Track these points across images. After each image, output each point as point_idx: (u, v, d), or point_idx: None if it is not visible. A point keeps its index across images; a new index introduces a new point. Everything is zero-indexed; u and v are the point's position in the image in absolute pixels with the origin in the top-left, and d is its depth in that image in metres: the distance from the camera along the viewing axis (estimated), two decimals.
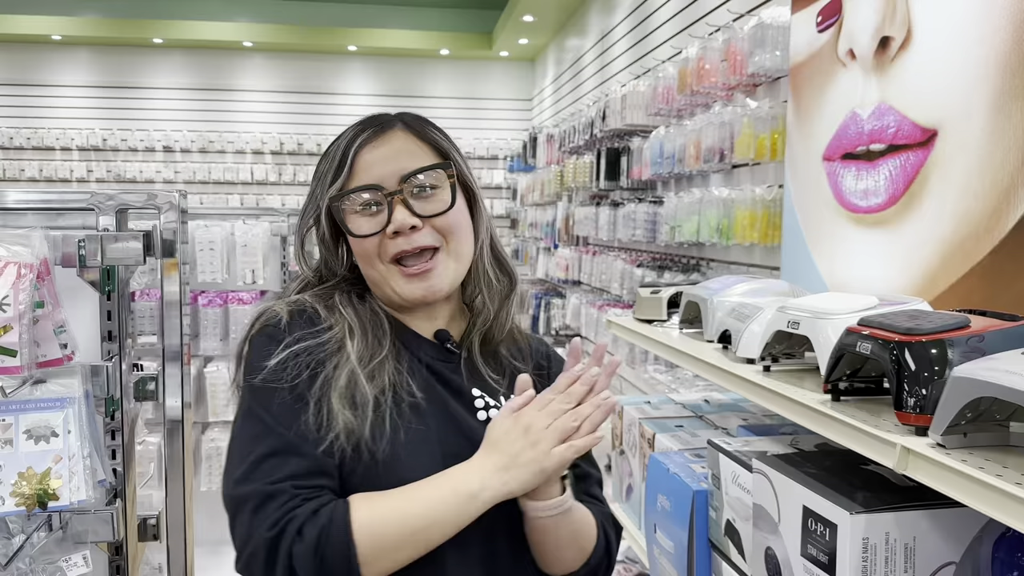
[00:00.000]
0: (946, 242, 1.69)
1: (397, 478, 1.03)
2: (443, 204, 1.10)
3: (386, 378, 1.06)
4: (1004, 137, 1.55)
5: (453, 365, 1.16)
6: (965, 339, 1.08)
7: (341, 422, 1.01)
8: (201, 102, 8.21)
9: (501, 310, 1.18)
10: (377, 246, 1.09)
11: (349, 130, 1.15)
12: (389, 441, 1.03)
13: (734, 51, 2.86)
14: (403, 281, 1.10)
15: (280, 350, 1.04)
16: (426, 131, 1.15)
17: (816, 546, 1.16)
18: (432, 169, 1.11)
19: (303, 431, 1.02)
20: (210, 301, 2.71)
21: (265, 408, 1.03)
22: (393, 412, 1.05)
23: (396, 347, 1.11)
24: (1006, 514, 0.85)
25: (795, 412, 1.29)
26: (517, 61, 8.62)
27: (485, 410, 1.13)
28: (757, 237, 2.69)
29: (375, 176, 1.09)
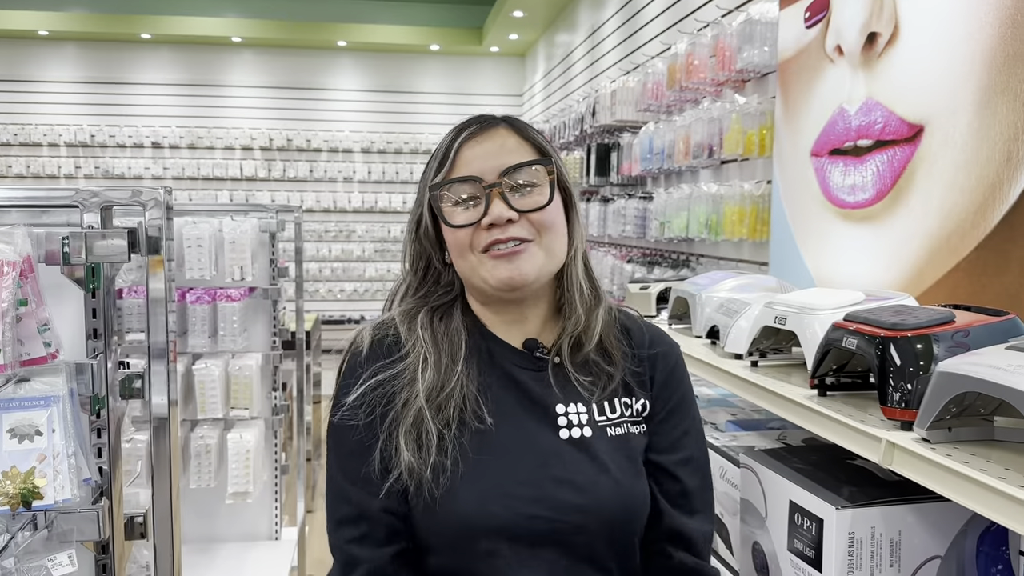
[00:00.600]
0: (932, 237, 1.70)
1: (452, 515, 1.04)
2: (541, 200, 1.10)
3: (452, 410, 1.07)
4: (990, 133, 1.56)
5: (541, 375, 1.13)
6: (950, 334, 1.08)
7: (404, 461, 1.04)
8: (190, 98, 8.17)
9: (591, 318, 1.16)
10: (471, 236, 1.09)
11: (457, 127, 1.15)
12: (448, 478, 1.04)
13: (723, 47, 2.86)
14: (491, 264, 1.09)
15: (359, 384, 1.09)
16: (528, 131, 1.15)
17: (802, 540, 1.16)
18: (532, 164, 1.10)
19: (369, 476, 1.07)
20: (198, 298, 2.70)
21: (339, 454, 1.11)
22: (456, 447, 1.06)
23: (471, 368, 1.11)
24: (989, 508, 0.86)
25: (782, 407, 1.29)
26: (507, 57, 8.61)
27: (568, 428, 1.10)
28: (746, 233, 2.70)
29: (475, 169, 1.09)
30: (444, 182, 1.10)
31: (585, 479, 1.07)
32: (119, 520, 1.29)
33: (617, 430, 1.12)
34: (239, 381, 2.76)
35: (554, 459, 1.07)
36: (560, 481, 1.06)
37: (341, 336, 7.98)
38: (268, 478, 3.05)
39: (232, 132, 8.14)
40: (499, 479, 1.05)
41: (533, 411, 1.10)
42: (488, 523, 1.03)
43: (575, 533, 1.05)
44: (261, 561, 2.97)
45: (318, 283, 8.28)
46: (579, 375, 1.13)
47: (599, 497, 1.06)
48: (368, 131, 8.36)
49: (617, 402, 1.14)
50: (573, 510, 1.05)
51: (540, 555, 1.05)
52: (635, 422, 1.14)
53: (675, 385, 1.19)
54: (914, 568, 1.11)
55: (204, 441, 2.78)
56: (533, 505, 1.04)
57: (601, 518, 1.06)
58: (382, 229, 8.36)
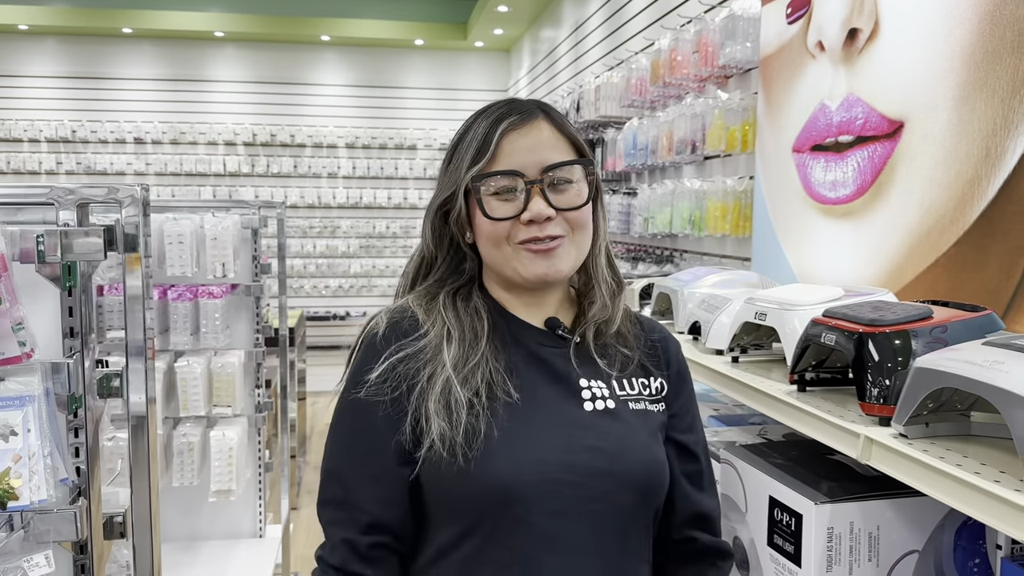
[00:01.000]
0: (912, 232, 1.71)
1: (489, 477, 1.05)
2: (578, 199, 1.13)
3: (479, 380, 1.09)
4: (968, 129, 1.57)
5: (563, 351, 1.17)
6: (928, 330, 1.09)
7: (435, 429, 1.06)
8: (172, 92, 8.09)
9: (614, 306, 1.21)
10: (508, 229, 1.12)
11: (490, 112, 1.16)
12: (483, 441, 1.06)
13: (705, 43, 2.86)
14: (527, 258, 1.12)
15: (381, 362, 1.11)
16: (564, 124, 1.17)
17: (782, 535, 1.17)
18: (574, 164, 1.14)
19: (382, 456, 1.09)
20: (180, 295, 2.68)
21: (356, 431, 1.12)
22: (487, 413, 1.08)
23: (495, 346, 1.14)
24: (965, 504, 0.86)
25: (762, 402, 1.29)
26: (492, 51, 8.58)
27: (592, 401, 1.13)
28: (728, 228, 2.71)
29: (517, 163, 1.12)
30: (488, 174, 1.12)
31: (612, 447, 1.10)
32: (97, 520, 1.28)
33: (637, 405, 1.16)
34: (221, 378, 2.74)
35: (581, 429, 1.11)
36: (588, 448, 1.09)
37: (326, 333, 7.95)
38: (252, 476, 3.04)
39: (215, 127, 8.08)
40: (530, 446, 1.08)
41: (558, 385, 1.14)
42: (522, 488, 1.05)
43: (602, 500, 1.08)
44: (245, 559, 2.96)
45: (302, 279, 8.25)
46: (599, 353, 1.17)
47: (625, 464, 1.10)
48: (352, 126, 8.32)
49: (635, 381, 1.18)
50: (601, 475, 1.08)
51: (564, 527, 1.07)
52: (654, 401, 1.18)
53: (685, 371, 1.26)
54: (892, 563, 1.12)
55: (187, 439, 2.77)
56: (564, 471, 1.07)
57: (627, 484, 1.09)
58: (367, 225, 8.33)
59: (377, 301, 8.40)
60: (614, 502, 1.09)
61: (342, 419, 1.15)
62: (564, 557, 1.07)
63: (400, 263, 8.41)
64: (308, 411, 6.75)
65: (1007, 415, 0.83)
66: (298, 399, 5.51)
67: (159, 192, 7.95)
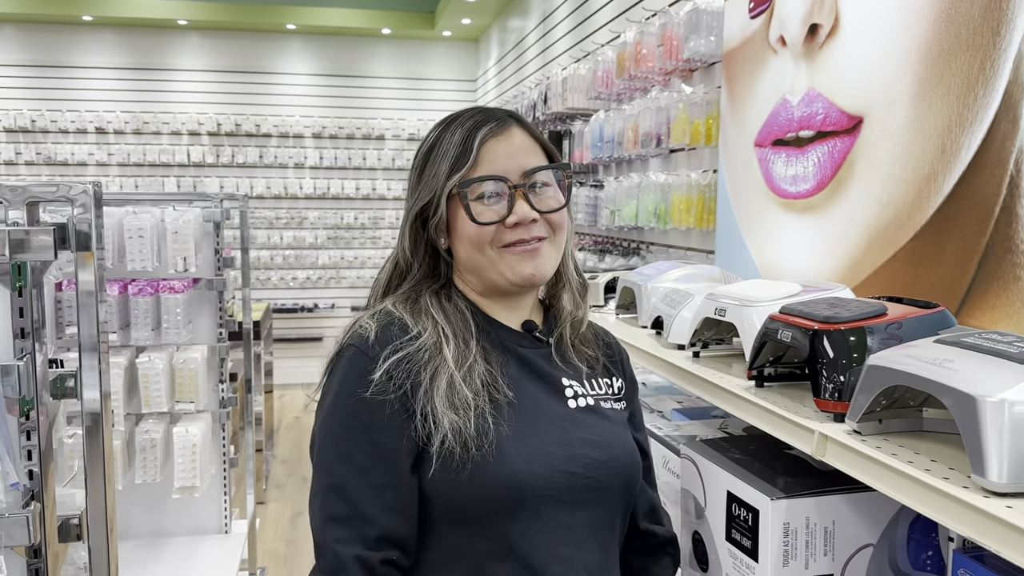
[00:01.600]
0: (871, 227, 1.73)
1: (503, 473, 1.07)
2: (557, 202, 1.18)
3: (478, 381, 1.11)
4: (925, 125, 1.58)
5: (541, 352, 1.21)
6: (883, 327, 1.10)
7: (447, 423, 1.06)
8: (134, 81, 7.96)
9: (583, 305, 1.27)
10: (492, 234, 1.15)
11: (462, 120, 1.18)
12: (494, 435, 1.08)
13: (670, 36, 2.87)
14: (514, 260, 1.16)
15: (381, 363, 1.09)
16: (535, 131, 1.22)
17: (740, 531, 1.18)
18: (554, 169, 1.19)
19: (392, 471, 1.08)
20: (140, 290, 2.64)
21: (352, 438, 1.08)
22: (492, 411, 1.10)
23: (484, 347, 1.16)
24: (915, 500, 0.87)
25: (720, 398, 1.31)
26: (460, 41, 8.54)
27: (575, 398, 1.19)
28: (693, 222, 2.72)
29: (499, 168, 1.15)
30: (473, 179, 1.14)
31: (602, 438, 1.16)
32: (52, 523, 1.26)
33: (606, 404, 1.23)
34: (184, 374, 2.71)
35: (572, 423, 1.16)
36: (584, 440, 1.15)
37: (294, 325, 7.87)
38: (216, 471, 3.01)
39: (179, 117, 7.97)
40: (536, 440, 1.11)
41: (543, 384, 1.18)
42: (535, 481, 1.08)
43: (600, 489, 1.14)
44: (210, 555, 2.94)
45: (269, 271, 8.17)
46: (570, 355, 1.24)
47: (615, 453, 1.17)
48: (319, 116, 8.24)
49: (601, 380, 1.25)
50: (599, 466, 1.14)
51: (570, 518, 1.11)
52: (617, 399, 1.26)
53: (632, 372, 1.34)
54: (847, 556, 1.14)
55: (149, 435, 2.73)
56: (568, 463, 1.12)
57: (619, 472, 1.16)
58: (335, 216, 8.27)
59: (346, 293, 8.35)
60: (608, 490, 1.15)
61: (338, 428, 1.10)
62: (573, 548, 1.11)
63: (369, 254, 8.36)
64: (275, 404, 6.71)
65: (955, 413, 0.84)
66: (265, 392, 5.46)
67: (122, 183, 7.83)
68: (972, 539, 0.80)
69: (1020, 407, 0.79)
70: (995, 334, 0.95)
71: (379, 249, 8.38)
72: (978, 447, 0.81)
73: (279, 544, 4.50)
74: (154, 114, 7.94)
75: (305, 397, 1.25)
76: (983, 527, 0.78)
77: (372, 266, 8.36)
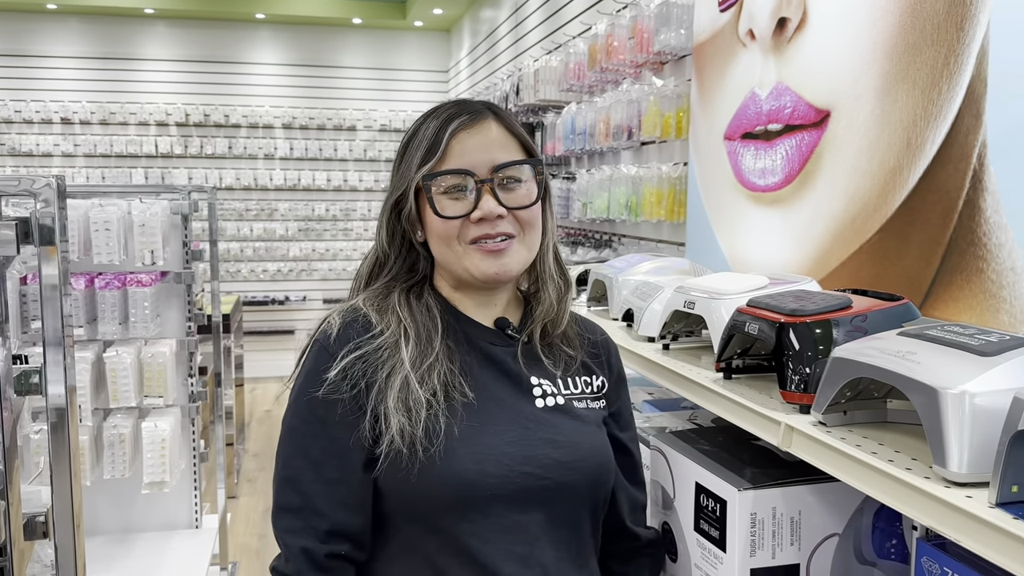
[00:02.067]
0: (838, 220, 1.75)
1: (454, 474, 1.07)
2: (527, 198, 1.15)
3: (436, 381, 1.10)
4: (891, 119, 1.60)
5: (512, 351, 1.19)
6: (849, 319, 1.12)
7: (395, 424, 1.06)
8: (101, 71, 7.83)
9: (562, 305, 1.23)
10: (459, 228, 1.13)
11: (439, 112, 1.17)
12: (444, 437, 1.07)
13: (641, 29, 2.88)
14: (479, 257, 1.13)
15: (337, 361, 1.10)
16: (512, 124, 1.19)
17: (708, 521, 1.19)
18: (524, 164, 1.16)
19: (342, 459, 1.09)
20: (107, 284, 2.60)
21: (313, 431, 1.10)
22: (445, 412, 1.09)
23: (449, 346, 1.15)
24: (879, 491, 0.89)
25: (689, 390, 1.32)
26: (432, 31, 8.50)
27: (543, 398, 1.17)
28: (664, 214, 2.73)
29: (467, 162, 1.13)
30: (437, 173, 1.13)
31: (567, 439, 1.14)
32: (17, 521, 1.24)
33: (581, 404, 1.20)
34: (152, 368, 2.68)
35: (536, 423, 1.14)
36: (546, 441, 1.12)
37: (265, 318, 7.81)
38: (186, 466, 2.99)
39: (146, 107, 7.85)
40: (491, 441, 1.10)
41: (510, 384, 1.17)
42: (486, 481, 1.07)
43: (560, 490, 1.12)
44: (181, 550, 2.92)
45: (239, 263, 8.09)
46: (545, 353, 1.21)
47: (581, 454, 1.14)
48: (289, 106, 8.17)
49: (579, 379, 1.22)
50: (560, 467, 1.12)
51: (525, 517, 1.10)
52: (595, 398, 1.23)
53: (621, 370, 1.31)
54: (814, 546, 1.15)
55: (117, 430, 2.71)
56: (525, 464, 1.10)
57: (584, 474, 1.14)
58: (306, 207, 8.20)
59: (317, 285, 8.30)
60: (571, 491, 1.13)
61: (297, 423, 1.13)
62: (528, 546, 1.10)
63: (340, 246, 8.31)
64: (246, 398, 6.65)
65: (917, 405, 0.85)
66: (236, 386, 5.42)
67: (88, 175, 7.71)
68: (933, 528, 0.81)
69: (981, 399, 0.81)
70: (957, 326, 0.96)
71: (351, 241, 8.32)
72: (939, 438, 0.82)
73: (251, 538, 4.47)
74: (121, 104, 7.82)
75: (277, 390, 1.26)
76: (944, 517, 0.79)
77: (344, 258, 8.31)
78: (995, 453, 0.78)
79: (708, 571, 1.19)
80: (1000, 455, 0.76)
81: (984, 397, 0.81)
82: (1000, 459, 0.76)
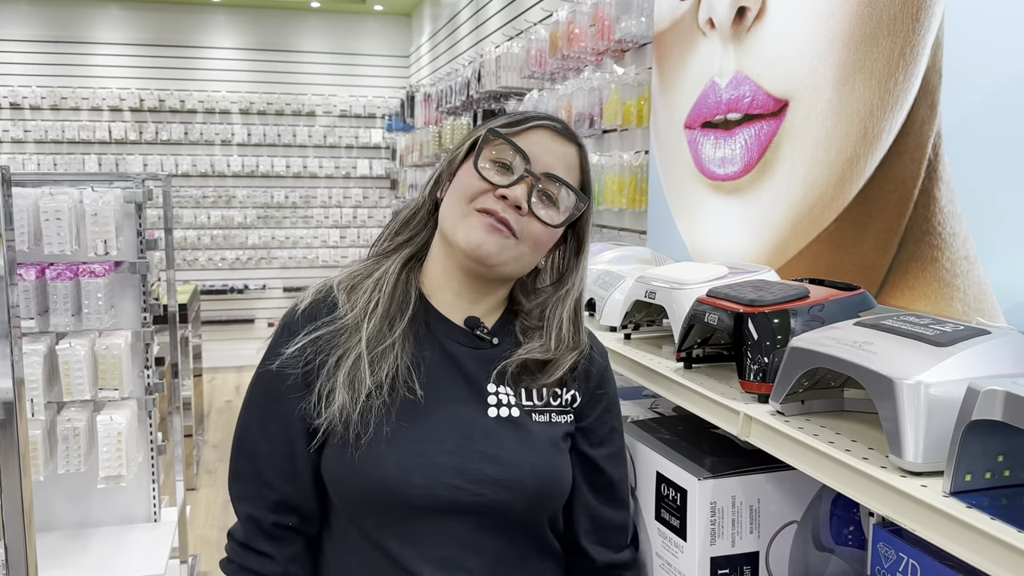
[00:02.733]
0: (796, 209, 1.76)
1: (378, 479, 1.06)
2: (550, 218, 1.14)
3: (385, 371, 1.09)
4: (847, 109, 1.62)
5: (477, 353, 1.16)
6: (807, 309, 1.13)
7: (338, 400, 1.07)
8: (51, 55, 7.62)
9: (561, 358, 1.17)
10: (479, 192, 1.12)
11: (539, 114, 1.18)
12: (373, 432, 1.07)
13: (602, 16, 2.87)
14: (475, 224, 1.11)
15: (300, 338, 1.12)
16: (587, 165, 1.20)
17: (668, 510, 1.20)
18: (572, 190, 1.15)
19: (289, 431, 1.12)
20: (59, 274, 2.54)
21: (264, 401, 1.14)
22: (384, 406, 1.08)
23: (409, 337, 1.13)
24: (835, 480, 0.90)
25: (650, 379, 1.32)
26: (392, 16, 8.41)
27: (496, 407, 1.13)
28: (625, 203, 2.74)
29: (533, 153, 1.13)
30: (506, 135, 1.13)
31: (509, 456, 1.10)
32: None
33: (542, 417, 1.16)
34: (107, 360, 2.63)
35: (481, 435, 1.11)
36: (485, 455, 1.09)
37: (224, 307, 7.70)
38: (144, 459, 2.94)
39: (99, 92, 7.68)
40: (423, 448, 1.08)
41: (465, 387, 1.14)
42: (409, 491, 1.06)
43: (492, 507, 1.08)
44: (140, 544, 2.88)
45: (197, 251, 7.97)
46: (513, 362, 1.16)
47: (520, 474, 1.09)
48: (247, 91, 8.04)
49: (545, 391, 1.17)
50: (494, 485, 1.08)
51: (452, 525, 1.08)
52: (562, 412, 1.18)
53: (608, 385, 1.25)
54: (772, 533, 1.17)
55: (72, 424, 2.65)
56: (456, 476, 1.07)
57: (519, 494, 1.09)
58: (264, 194, 8.09)
59: (277, 273, 8.20)
60: (504, 509, 1.09)
61: (256, 395, 1.17)
62: (452, 550, 1.08)
63: (301, 234, 8.22)
64: (205, 388, 6.57)
65: (873, 395, 0.86)
66: (194, 376, 5.35)
67: (40, 161, 7.52)
68: (889, 517, 0.82)
69: (935, 389, 0.82)
70: (913, 316, 0.97)
71: (311, 228, 8.24)
72: (895, 428, 0.83)
73: (211, 530, 4.42)
74: (73, 89, 7.64)
75: (237, 380, 1.27)
76: (900, 506, 0.80)
77: (304, 246, 8.22)
78: (949, 443, 0.79)
79: (669, 560, 1.20)
80: (954, 445, 0.78)
81: (939, 387, 0.82)
82: (954, 449, 0.77)
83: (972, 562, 0.72)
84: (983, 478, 0.78)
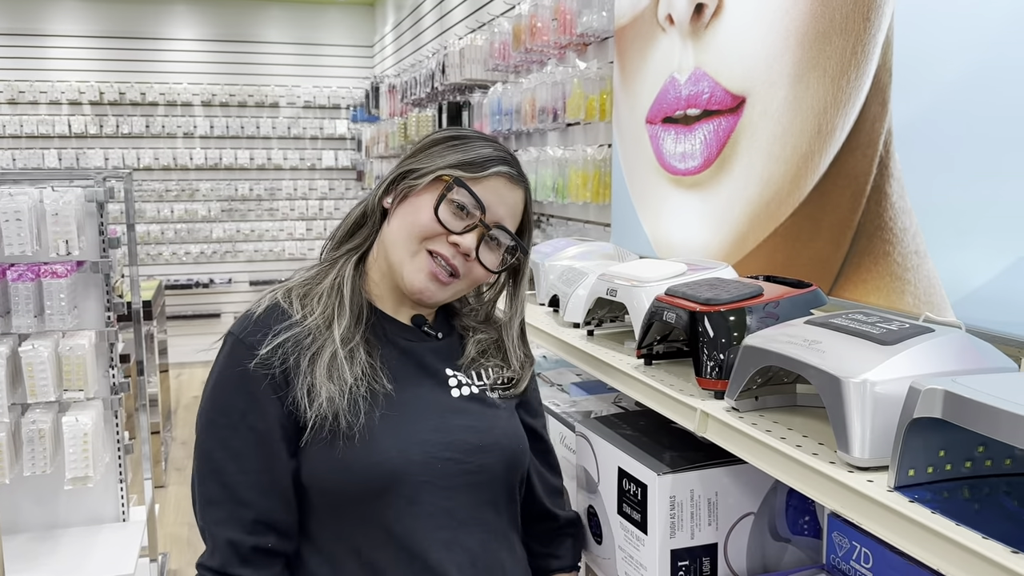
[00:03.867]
0: (753, 204, 1.80)
1: (376, 461, 1.12)
2: (492, 264, 1.24)
3: (359, 367, 1.15)
4: (803, 106, 1.65)
5: (427, 346, 1.26)
6: (761, 307, 1.16)
7: (324, 394, 1.11)
8: (8, 48, 7.45)
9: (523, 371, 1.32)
10: (433, 234, 1.19)
11: (497, 148, 1.25)
12: (366, 417, 1.13)
13: (563, 10, 2.88)
14: (423, 267, 1.20)
15: (271, 338, 1.14)
16: (530, 203, 1.30)
17: (630, 504, 1.23)
18: (515, 244, 1.26)
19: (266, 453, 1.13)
20: (20, 275, 2.51)
21: (229, 424, 1.13)
22: (364, 399, 1.14)
23: (368, 339, 1.20)
24: (787, 475, 0.93)
25: (611, 376, 1.35)
26: (355, 6, 8.34)
27: (459, 388, 1.24)
28: (589, 196, 2.76)
29: (489, 203, 1.21)
30: (470, 189, 1.20)
31: (483, 423, 1.22)
32: None
33: (494, 393, 1.28)
34: (71, 361, 2.61)
35: (453, 412, 1.21)
36: (464, 427, 1.20)
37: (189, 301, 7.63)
38: (111, 459, 2.93)
39: (58, 86, 7.54)
40: (412, 428, 1.16)
41: (427, 376, 1.23)
42: (410, 468, 1.13)
43: (479, 472, 1.19)
44: (109, 544, 2.87)
45: (160, 246, 7.88)
46: (457, 347, 1.30)
47: (496, 437, 1.22)
48: (208, 83, 7.94)
49: (490, 371, 1.30)
50: (478, 451, 1.19)
51: (449, 503, 1.16)
52: (506, 387, 1.30)
53: (532, 359, 1.38)
54: (730, 525, 1.20)
55: (36, 426, 2.63)
56: (445, 449, 1.17)
57: (499, 456, 1.21)
58: (228, 187, 8.01)
59: (243, 267, 8.13)
60: (489, 473, 1.20)
61: (215, 415, 1.15)
62: (451, 531, 1.16)
63: (266, 227, 8.15)
64: (172, 384, 6.52)
65: (822, 392, 0.89)
66: (160, 372, 5.30)
67: None
68: (837, 511, 0.85)
69: (881, 387, 0.85)
70: (861, 314, 1.01)
71: (276, 221, 8.17)
72: (842, 425, 0.86)
73: (181, 528, 4.41)
74: (30, 83, 7.49)
75: (204, 375, 1.27)
76: (847, 500, 0.84)
77: (270, 239, 8.16)
78: (894, 439, 0.82)
79: (631, 553, 1.23)
80: (897, 441, 0.81)
81: (884, 385, 0.85)
82: (897, 445, 0.81)
83: (913, 554, 0.75)
84: (925, 472, 0.82)
